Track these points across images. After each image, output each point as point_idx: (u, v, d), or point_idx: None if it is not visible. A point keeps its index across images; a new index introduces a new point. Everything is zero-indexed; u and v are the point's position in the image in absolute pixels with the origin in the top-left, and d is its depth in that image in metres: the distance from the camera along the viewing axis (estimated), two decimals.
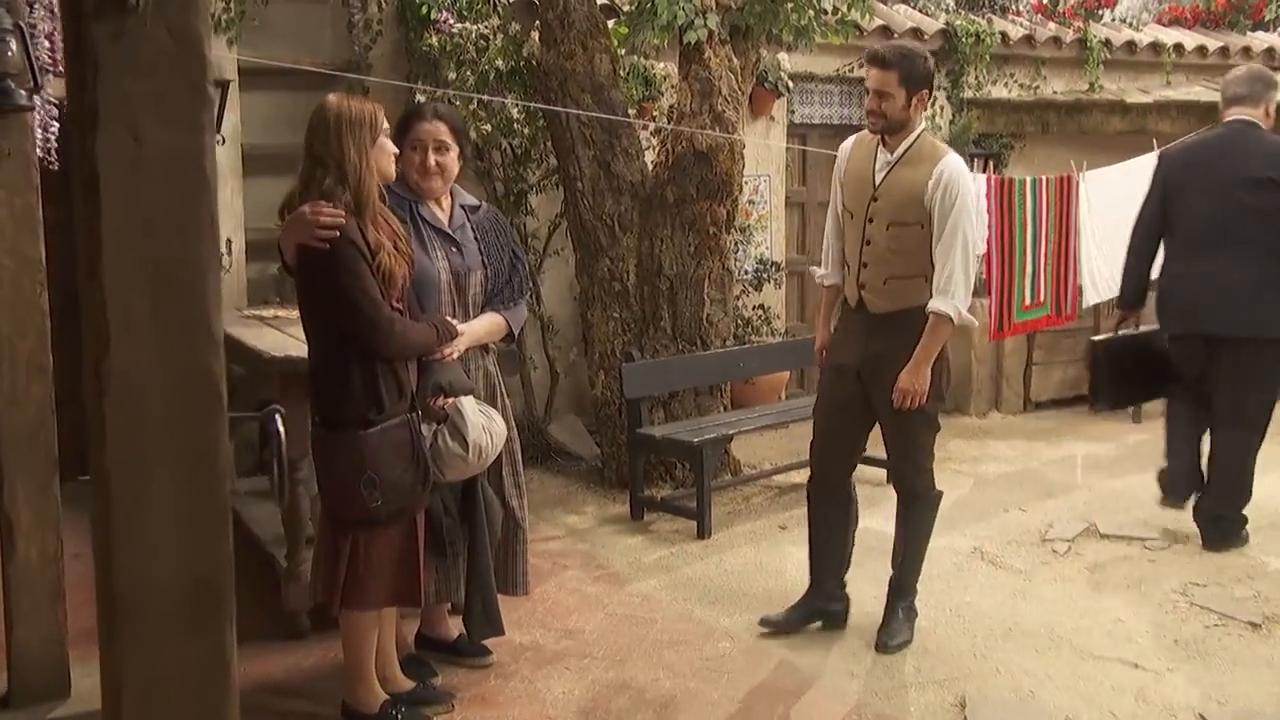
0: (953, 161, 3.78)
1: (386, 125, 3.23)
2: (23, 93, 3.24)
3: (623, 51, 6.31)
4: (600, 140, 5.93)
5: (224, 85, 5.99)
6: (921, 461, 4.07)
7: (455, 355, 3.38)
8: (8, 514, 3.38)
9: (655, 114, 6.66)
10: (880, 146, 3.89)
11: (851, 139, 4.10)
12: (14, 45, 3.23)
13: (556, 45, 5.89)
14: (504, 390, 3.79)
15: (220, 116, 6.00)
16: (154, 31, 1.36)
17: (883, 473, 6.22)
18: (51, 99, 4.66)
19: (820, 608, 4.26)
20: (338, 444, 3.16)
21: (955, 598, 4.60)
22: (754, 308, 7.77)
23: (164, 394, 1.42)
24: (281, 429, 1.69)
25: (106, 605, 1.42)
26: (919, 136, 3.84)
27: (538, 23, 6.10)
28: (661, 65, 6.67)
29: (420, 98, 5.96)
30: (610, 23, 6.26)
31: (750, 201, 7.73)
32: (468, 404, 3.34)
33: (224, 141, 6.02)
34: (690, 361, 5.91)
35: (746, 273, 7.72)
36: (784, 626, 4.19)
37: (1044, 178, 6.88)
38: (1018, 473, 6.58)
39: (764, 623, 4.22)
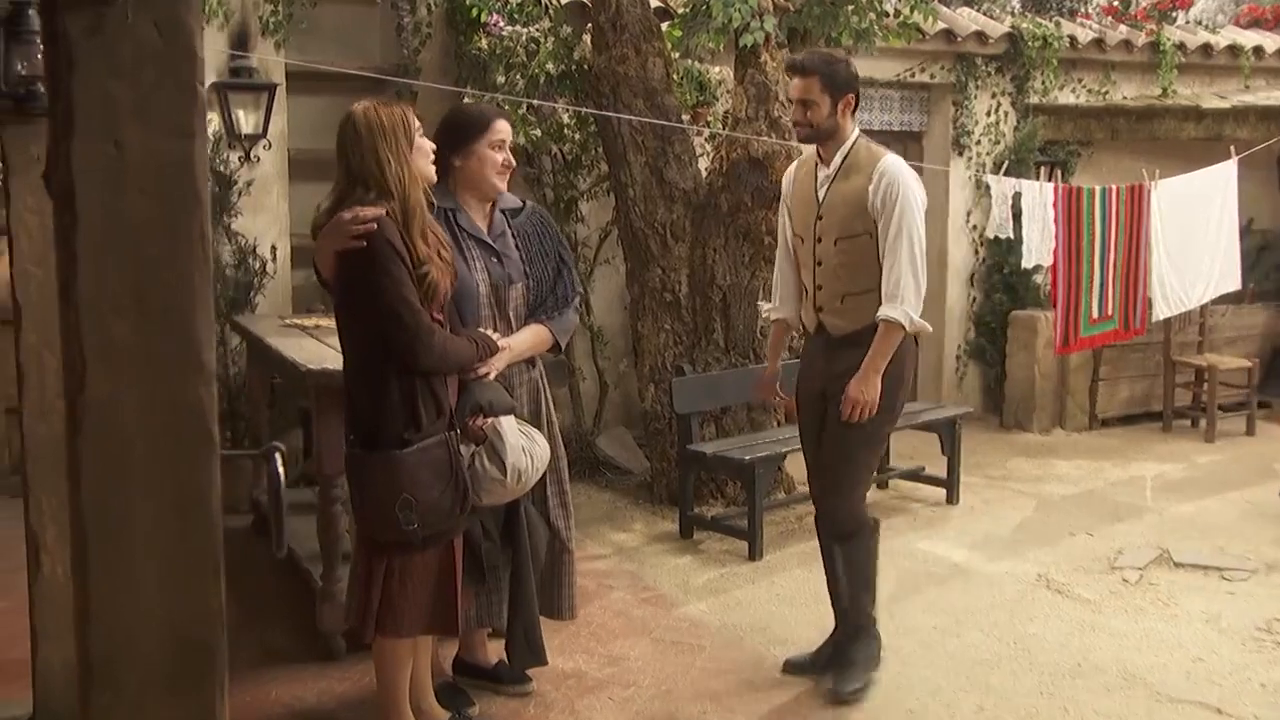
0: (891, 162, 3.62)
1: (419, 125, 3.09)
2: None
3: (676, 55, 6.13)
4: (652, 146, 5.77)
5: (271, 89, 5.91)
6: (851, 490, 3.78)
7: (495, 373, 3.22)
8: (33, 530, 3.26)
9: (710, 120, 6.48)
10: (819, 164, 3.75)
11: (793, 165, 3.97)
12: (40, 49, 3.11)
13: (608, 49, 5.74)
14: (551, 404, 3.62)
15: (267, 120, 5.92)
16: (138, 25, 1.20)
17: (929, 489, 6.09)
18: None
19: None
20: (373, 464, 3.01)
21: (1019, 629, 4.36)
22: None
23: (147, 431, 1.26)
24: (281, 470, 1.52)
25: (84, 669, 1.26)
26: (854, 144, 3.68)
27: (589, 25, 5.94)
28: (716, 69, 6.49)
29: (469, 100, 5.82)
30: (664, 25, 6.09)
31: None
32: (508, 425, 3.17)
33: (270, 146, 5.93)
34: (743, 375, 5.71)
35: None
36: (809, 669, 3.93)
37: (1114, 187, 6.59)
38: (1083, 494, 6.31)
39: (788, 667, 3.97)
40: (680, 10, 6.09)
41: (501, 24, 6.12)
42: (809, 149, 3.91)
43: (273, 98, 5.90)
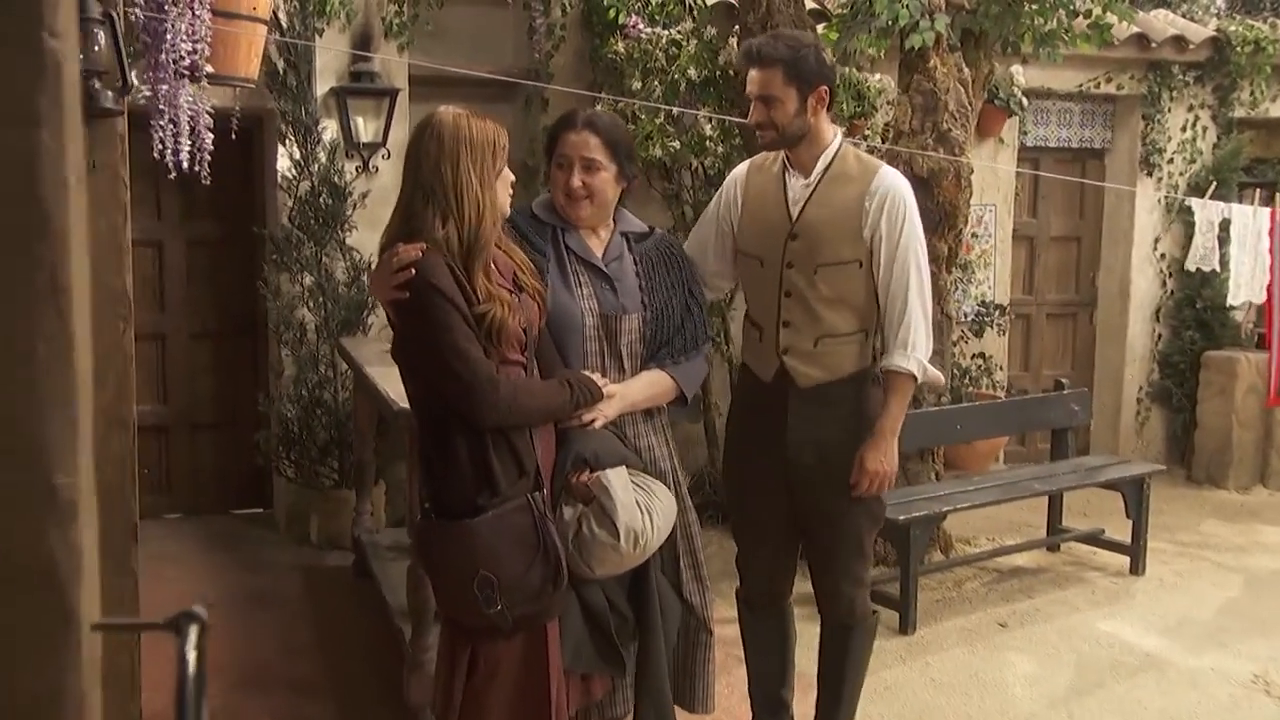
0: (889, 175, 2.96)
1: (506, 148, 2.59)
2: (110, 94, 2.71)
3: (833, 61, 5.51)
4: None
5: (392, 94, 5.52)
6: (862, 572, 3.14)
7: (602, 422, 2.67)
8: None
9: (868, 133, 5.84)
10: (787, 171, 3.02)
11: (742, 167, 3.21)
12: (103, 38, 2.70)
13: None
14: (674, 457, 3.02)
15: (387, 128, 5.53)
16: None
17: (1109, 556, 5.24)
18: (202, 104, 4.26)
19: None
20: (443, 535, 2.50)
21: None
22: (973, 356, 6.83)
23: None
24: (192, 652, 0.99)
25: None
26: (839, 151, 2.99)
27: (736, 27, 5.39)
28: (877, 77, 5.85)
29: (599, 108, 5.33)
30: (819, 28, 5.49)
31: (973, 235, 6.83)
32: (616, 479, 2.60)
33: (390, 155, 5.53)
34: None
35: (965, 316, 6.79)
36: None
37: None
38: None
39: None
40: (838, 11, 5.47)
41: (641, 26, 5.61)
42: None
43: (394, 104, 5.51)
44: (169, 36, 3.98)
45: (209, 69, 4.02)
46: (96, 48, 2.69)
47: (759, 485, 3.08)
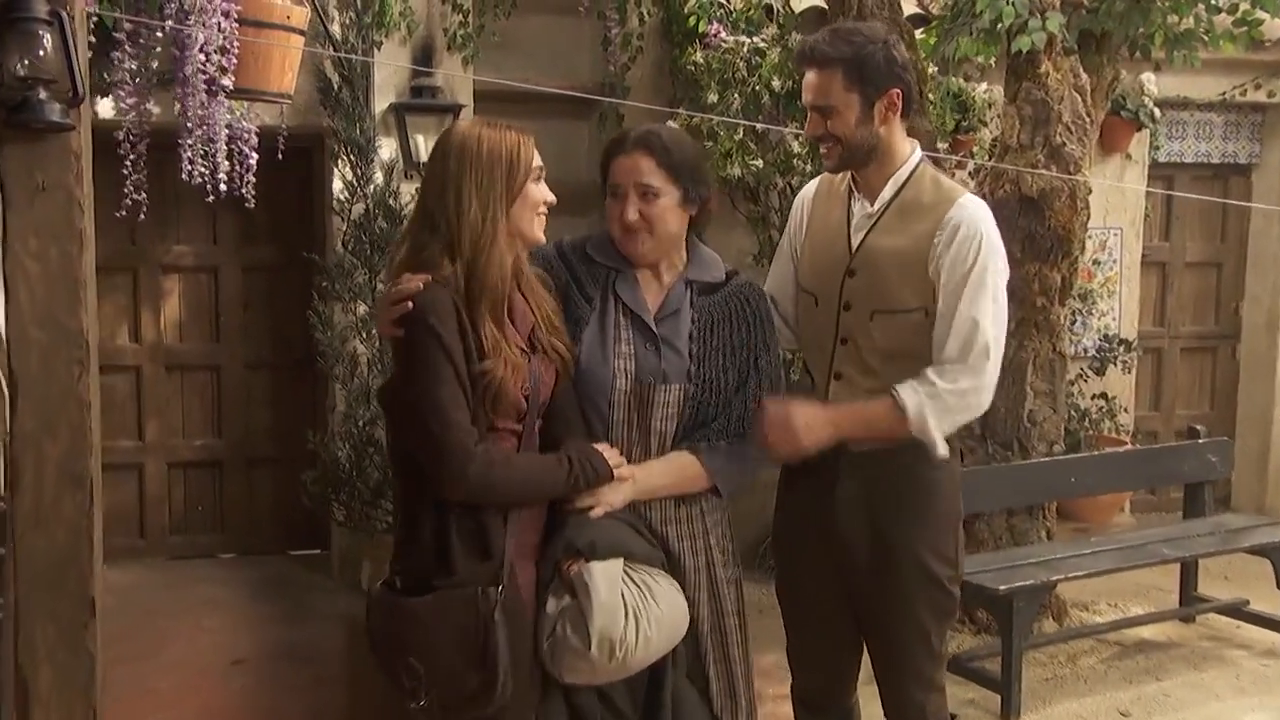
0: (968, 206, 2.40)
1: (540, 165, 2.18)
2: (57, 107, 2.37)
3: (933, 70, 4.99)
4: None
5: (455, 110, 5.17)
6: (932, 673, 2.58)
7: (601, 512, 2.21)
8: (23, 674, 2.51)
9: (974, 149, 5.29)
10: (853, 193, 2.52)
11: (813, 184, 2.73)
12: (49, 42, 2.37)
13: None
14: (719, 554, 2.41)
15: None
16: None
17: (1256, 633, 4.55)
18: (244, 123, 3.95)
19: None
20: (385, 609, 2.16)
21: None
22: (1093, 396, 6.20)
23: None
24: None
25: None
26: (915, 171, 2.47)
27: None
28: (984, 87, 5.30)
29: (671, 125, 4.89)
30: (918, 33, 4.96)
31: (1094, 261, 6.26)
32: (602, 575, 2.12)
33: None
34: (1002, 474, 4.51)
35: (1085, 351, 6.18)
36: None
37: None
38: None
39: None
40: (938, 13, 4.95)
41: (723, 34, 5.17)
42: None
43: (456, 121, 5.16)
44: (190, 48, 3.70)
45: (227, 82, 3.75)
46: (41, 52, 2.36)
47: (810, 566, 2.58)
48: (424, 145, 5.16)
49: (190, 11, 3.59)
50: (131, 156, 3.80)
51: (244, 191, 3.83)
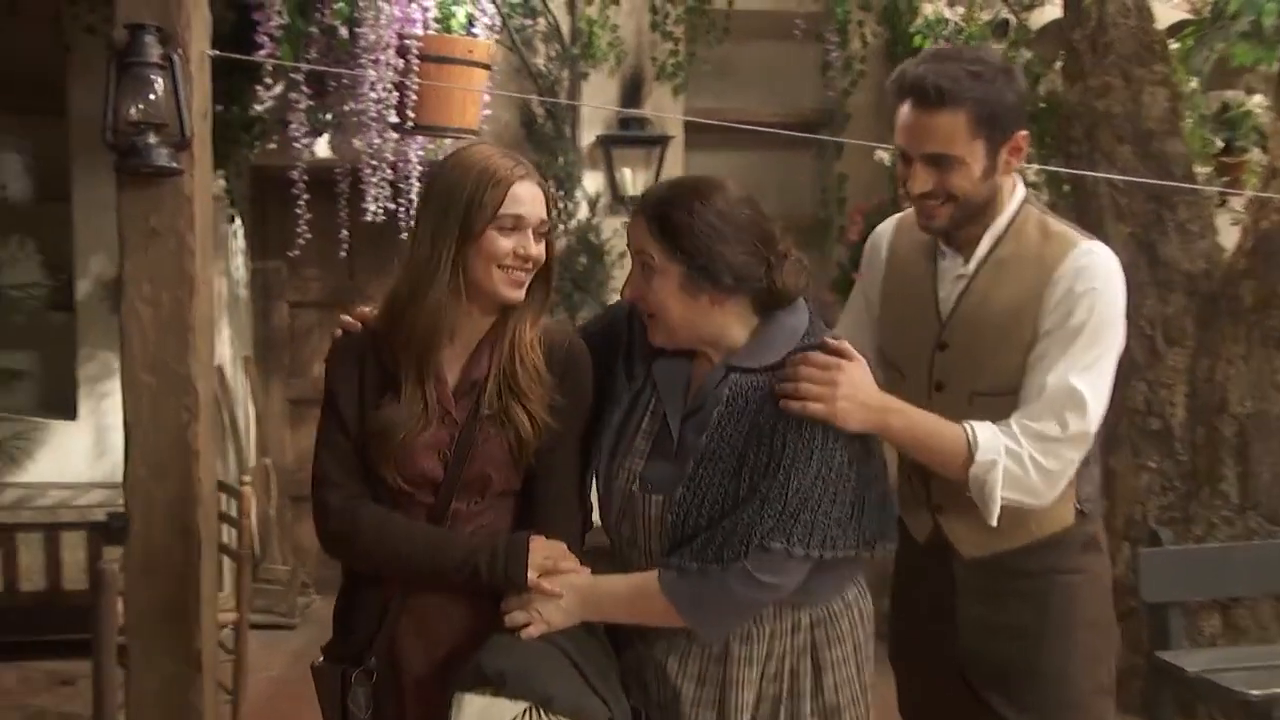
0: (1086, 254, 1.93)
1: (518, 214, 1.79)
2: (165, 151, 2.36)
3: (1193, 83, 4.41)
4: (1143, 211, 4.23)
5: (663, 142, 5.01)
6: None
7: (537, 631, 1.77)
8: None
9: (1246, 174, 4.64)
10: (940, 243, 2.05)
11: (889, 223, 2.21)
12: (161, 86, 2.35)
13: (1083, 77, 4.27)
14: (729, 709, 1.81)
15: (658, 180, 5.04)
16: None
17: None
18: (382, 154, 3.92)
19: None
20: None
21: None
22: None
23: None
24: None
25: None
26: (1017, 216, 1.99)
27: (1061, 51, 4.43)
28: (1257, 100, 4.63)
29: (882, 155, 4.55)
30: (1173, 44, 4.39)
31: None
32: (477, 715, 1.69)
33: None
34: (1264, 553, 3.88)
35: None
36: None
37: None
38: None
39: None
40: (1194, 18, 4.36)
41: None
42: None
43: (664, 152, 5.01)
44: (366, 86, 3.70)
45: (396, 118, 3.72)
46: (152, 96, 2.34)
47: (931, 685, 2.16)
48: (631, 178, 5.05)
49: (371, 50, 3.59)
50: (343, 193, 3.91)
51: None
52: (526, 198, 1.79)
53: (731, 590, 1.72)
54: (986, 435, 1.86)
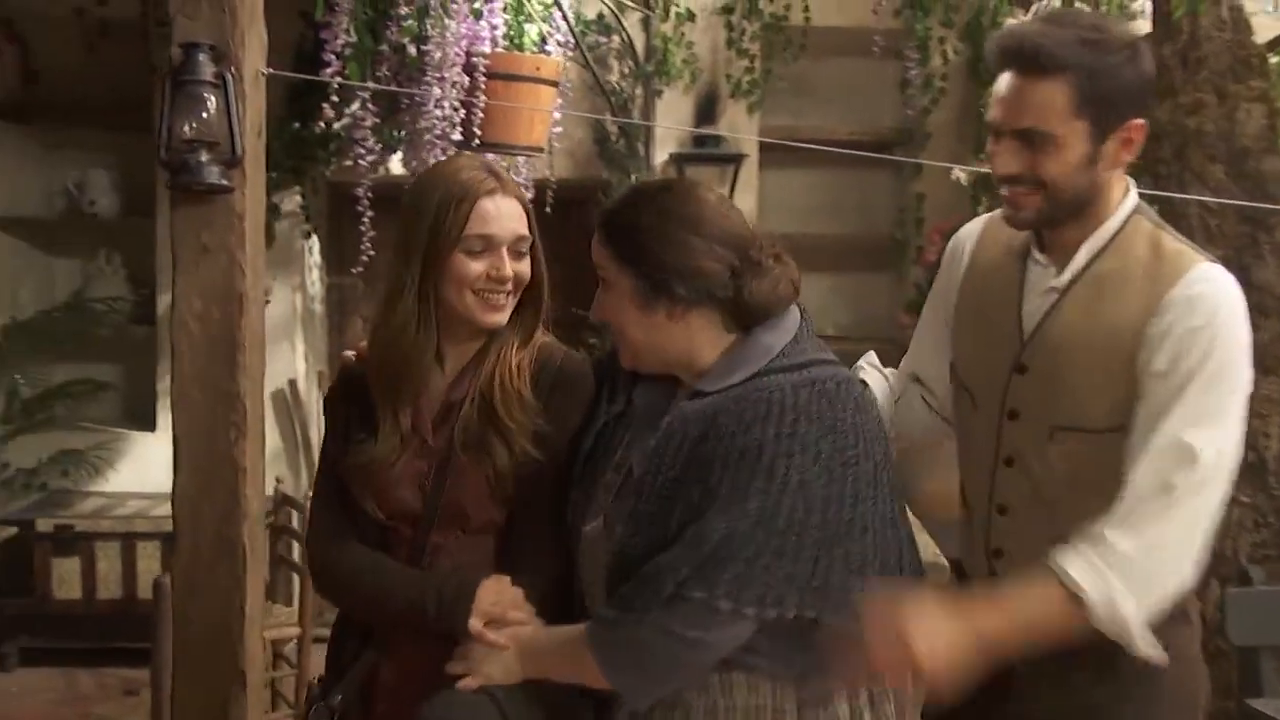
0: (1203, 277, 1.62)
1: (487, 234, 1.68)
2: (216, 169, 2.37)
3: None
4: (1236, 234, 4.04)
5: (737, 160, 4.95)
6: None
7: (475, 684, 1.62)
8: None
9: None
10: (1034, 251, 1.75)
11: (976, 224, 1.91)
12: (214, 104, 2.37)
13: (1174, 94, 4.09)
14: None
15: (730, 198, 4.98)
16: None
17: None
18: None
19: None
20: None
21: None
22: None
23: None
24: None
25: None
26: (1126, 225, 1.68)
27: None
28: None
29: (958, 175, 4.42)
30: (1275, 59, 4.20)
31: None
32: None
33: None
34: None
35: None
36: None
37: None
38: None
39: None
40: None
41: None
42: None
43: (738, 171, 4.94)
44: (431, 103, 3.71)
45: (458, 136, 3.72)
46: (205, 114, 2.36)
47: None
48: None
49: (438, 67, 3.61)
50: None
51: None
52: (496, 214, 1.66)
53: (646, 644, 1.49)
54: (1082, 572, 1.53)
